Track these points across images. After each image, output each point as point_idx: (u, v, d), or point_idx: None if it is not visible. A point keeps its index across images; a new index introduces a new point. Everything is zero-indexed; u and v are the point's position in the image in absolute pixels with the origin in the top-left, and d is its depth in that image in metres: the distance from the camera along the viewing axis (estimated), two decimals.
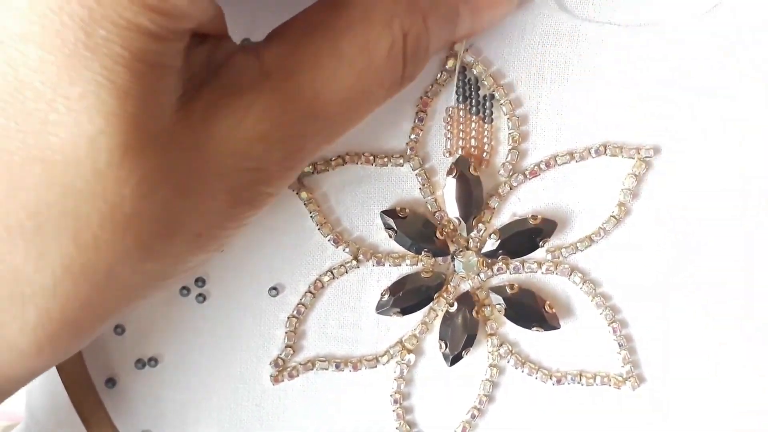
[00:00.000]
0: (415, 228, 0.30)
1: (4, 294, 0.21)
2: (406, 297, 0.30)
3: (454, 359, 0.30)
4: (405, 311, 0.30)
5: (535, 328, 0.30)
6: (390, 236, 0.30)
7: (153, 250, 0.22)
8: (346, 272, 0.30)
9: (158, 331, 0.31)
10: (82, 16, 0.19)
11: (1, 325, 0.21)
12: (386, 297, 0.30)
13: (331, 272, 0.30)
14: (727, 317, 0.30)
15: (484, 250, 0.30)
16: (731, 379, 0.31)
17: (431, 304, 0.30)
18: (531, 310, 0.30)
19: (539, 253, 0.30)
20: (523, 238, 0.30)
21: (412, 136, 0.29)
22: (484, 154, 0.29)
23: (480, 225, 0.30)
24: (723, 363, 0.30)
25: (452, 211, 0.29)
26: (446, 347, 0.30)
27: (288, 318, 0.30)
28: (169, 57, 0.21)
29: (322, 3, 0.24)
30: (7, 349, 0.21)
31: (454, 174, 0.29)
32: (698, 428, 0.31)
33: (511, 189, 0.30)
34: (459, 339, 0.30)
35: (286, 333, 0.31)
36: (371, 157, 0.29)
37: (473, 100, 0.29)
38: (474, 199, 0.29)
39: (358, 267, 0.30)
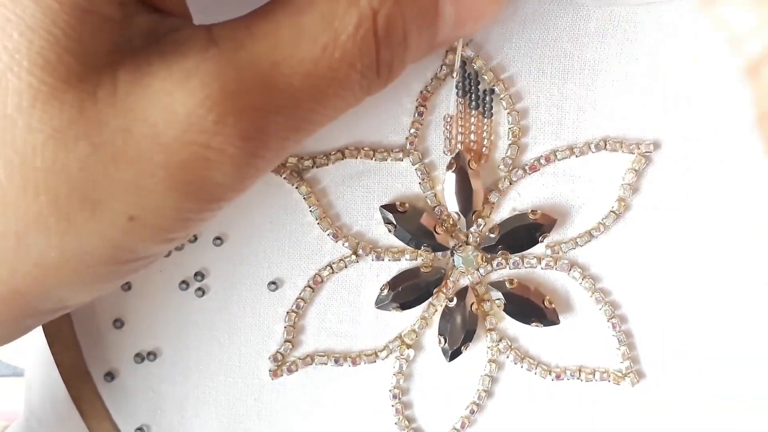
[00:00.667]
0: (414, 223, 0.30)
1: None
2: (406, 292, 0.30)
3: (454, 354, 0.30)
4: (404, 306, 0.30)
5: (534, 324, 0.30)
6: (389, 231, 0.30)
7: (73, 223, 0.19)
8: (346, 267, 0.30)
9: (157, 325, 0.31)
10: None
11: None
12: (385, 292, 0.30)
13: (331, 267, 0.30)
14: (727, 313, 0.30)
15: (483, 245, 0.30)
16: (731, 375, 0.31)
17: (430, 299, 0.30)
18: (530, 305, 0.30)
19: (539, 249, 0.30)
20: (523, 233, 0.30)
21: (412, 131, 0.29)
22: (484, 148, 0.29)
23: (480, 220, 0.30)
24: (723, 359, 0.30)
25: (452, 205, 0.29)
26: (445, 342, 0.30)
27: (287, 313, 0.30)
28: (95, 2, 0.19)
29: None
30: None
31: (453, 169, 0.29)
32: (697, 424, 0.31)
33: (510, 184, 0.30)
34: (458, 334, 0.30)
35: (285, 327, 0.31)
36: (371, 152, 0.29)
37: (473, 95, 0.29)
38: (473, 194, 0.29)
39: (357, 262, 0.30)
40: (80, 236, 0.20)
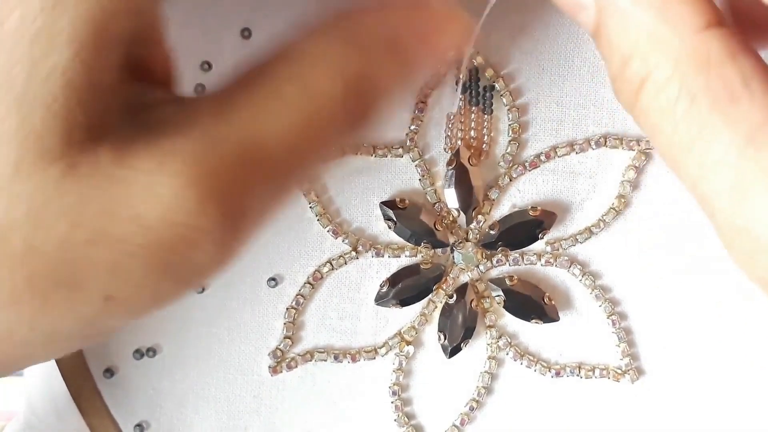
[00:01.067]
0: (414, 219, 0.30)
1: None
2: (405, 288, 0.30)
3: (453, 351, 0.30)
4: (404, 303, 0.30)
5: (534, 320, 0.30)
6: (389, 227, 0.30)
7: (48, 302, 0.19)
8: (345, 263, 0.30)
9: (156, 321, 0.31)
10: None
11: None
12: (385, 288, 0.30)
13: (330, 263, 0.30)
14: (726, 310, 0.30)
15: (483, 242, 0.30)
16: (730, 371, 0.30)
17: (430, 295, 0.30)
18: (530, 302, 0.30)
19: (539, 245, 0.30)
20: (523, 229, 0.30)
21: (412, 127, 0.29)
22: (484, 145, 0.29)
23: (480, 216, 0.30)
24: (722, 356, 0.30)
25: (452, 202, 0.29)
26: (445, 339, 0.30)
27: (287, 309, 0.30)
28: (93, 70, 0.18)
29: (266, 58, 0.21)
30: None
31: (453, 165, 0.29)
32: (697, 422, 0.31)
33: (510, 180, 0.30)
34: (458, 331, 0.30)
35: (284, 324, 0.31)
36: (371, 148, 0.29)
37: (473, 91, 0.29)
38: (474, 191, 0.29)
39: (357, 258, 0.30)
40: (54, 314, 0.19)
